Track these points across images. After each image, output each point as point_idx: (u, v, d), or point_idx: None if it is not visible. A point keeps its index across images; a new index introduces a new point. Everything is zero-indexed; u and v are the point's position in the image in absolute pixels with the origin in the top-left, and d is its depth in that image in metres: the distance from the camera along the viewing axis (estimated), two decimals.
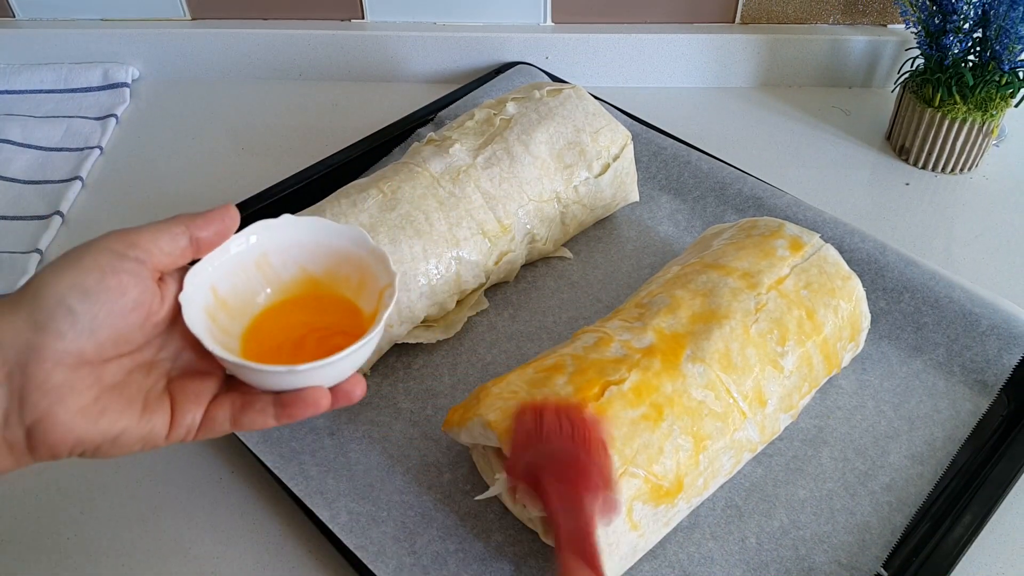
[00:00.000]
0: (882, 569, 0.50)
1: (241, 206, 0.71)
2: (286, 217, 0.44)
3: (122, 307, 0.36)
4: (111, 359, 0.36)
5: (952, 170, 0.80)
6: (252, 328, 0.42)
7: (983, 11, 0.73)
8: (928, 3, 0.75)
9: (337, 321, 0.43)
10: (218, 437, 0.40)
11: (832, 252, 0.58)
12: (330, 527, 0.51)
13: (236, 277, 0.42)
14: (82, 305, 0.34)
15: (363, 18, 0.93)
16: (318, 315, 0.43)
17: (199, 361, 0.40)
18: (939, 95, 0.76)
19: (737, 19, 0.91)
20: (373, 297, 0.43)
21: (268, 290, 0.43)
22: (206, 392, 0.39)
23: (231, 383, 0.41)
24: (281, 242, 0.43)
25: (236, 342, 0.41)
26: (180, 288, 0.39)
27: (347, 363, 0.39)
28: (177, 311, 0.39)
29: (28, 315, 0.34)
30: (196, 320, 0.38)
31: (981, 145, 0.78)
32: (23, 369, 0.34)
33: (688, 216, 0.73)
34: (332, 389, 0.40)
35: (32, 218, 0.76)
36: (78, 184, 0.80)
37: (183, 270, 0.40)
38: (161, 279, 0.38)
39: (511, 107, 0.68)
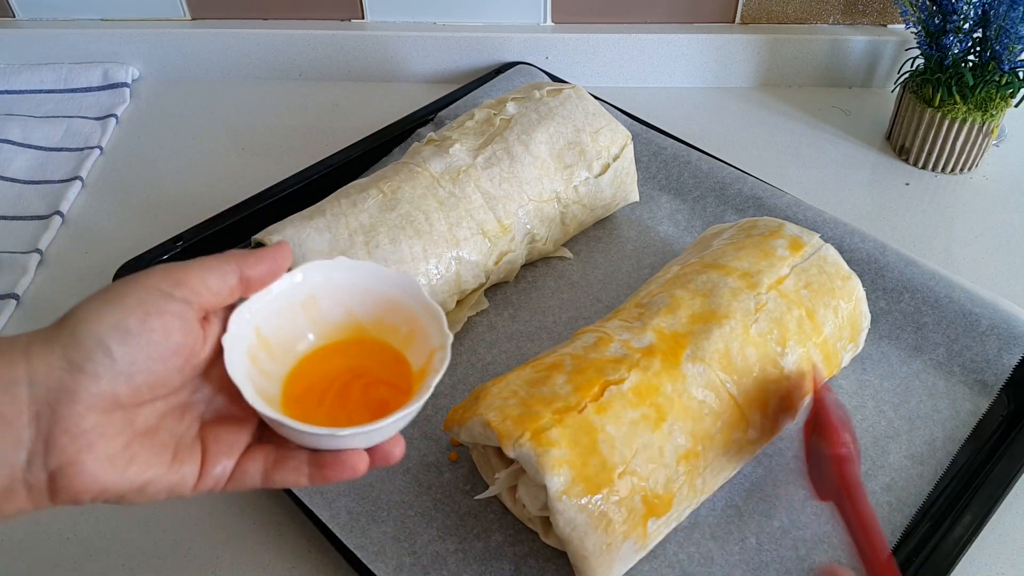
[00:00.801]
0: None
1: (241, 206, 0.72)
2: (340, 259, 0.42)
3: (164, 351, 0.34)
4: (145, 402, 0.35)
5: (952, 170, 0.80)
6: (295, 373, 0.41)
7: (983, 11, 0.73)
8: (928, 3, 0.75)
9: (382, 370, 0.42)
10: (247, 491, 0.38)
11: (832, 252, 0.58)
12: (330, 527, 0.51)
13: (281, 318, 0.41)
14: (121, 348, 0.32)
15: (363, 18, 0.93)
16: (362, 360, 0.42)
17: (233, 405, 0.38)
18: (939, 95, 0.76)
19: (737, 19, 0.91)
20: (422, 354, 0.41)
21: (311, 334, 0.42)
22: (240, 442, 0.37)
23: (265, 432, 0.39)
24: (331, 285, 0.42)
25: (278, 386, 0.40)
26: (223, 329, 0.37)
27: (391, 428, 0.38)
28: (218, 351, 0.37)
29: (63, 353, 0.32)
30: (238, 367, 0.37)
31: (981, 145, 0.78)
32: (53, 410, 0.32)
33: (688, 216, 0.73)
34: (370, 449, 0.38)
35: (32, 218, 0.76)
36: (78, 184, 0.80)
37: (228, 308, 0.38)
38: (205, 318, 0.37)
39: (511, 107, 0.68)
